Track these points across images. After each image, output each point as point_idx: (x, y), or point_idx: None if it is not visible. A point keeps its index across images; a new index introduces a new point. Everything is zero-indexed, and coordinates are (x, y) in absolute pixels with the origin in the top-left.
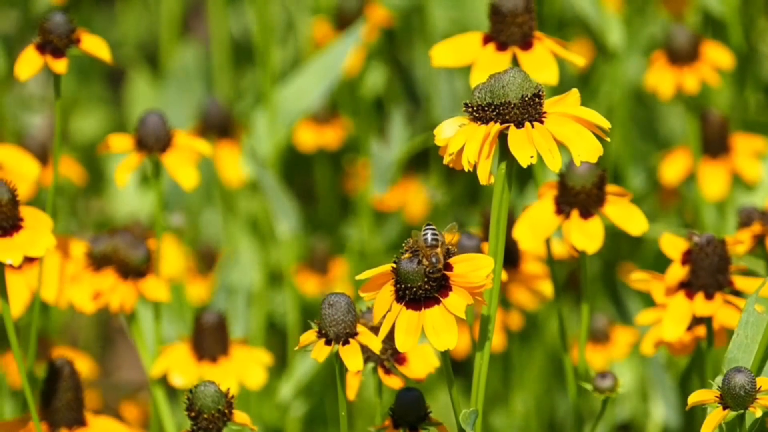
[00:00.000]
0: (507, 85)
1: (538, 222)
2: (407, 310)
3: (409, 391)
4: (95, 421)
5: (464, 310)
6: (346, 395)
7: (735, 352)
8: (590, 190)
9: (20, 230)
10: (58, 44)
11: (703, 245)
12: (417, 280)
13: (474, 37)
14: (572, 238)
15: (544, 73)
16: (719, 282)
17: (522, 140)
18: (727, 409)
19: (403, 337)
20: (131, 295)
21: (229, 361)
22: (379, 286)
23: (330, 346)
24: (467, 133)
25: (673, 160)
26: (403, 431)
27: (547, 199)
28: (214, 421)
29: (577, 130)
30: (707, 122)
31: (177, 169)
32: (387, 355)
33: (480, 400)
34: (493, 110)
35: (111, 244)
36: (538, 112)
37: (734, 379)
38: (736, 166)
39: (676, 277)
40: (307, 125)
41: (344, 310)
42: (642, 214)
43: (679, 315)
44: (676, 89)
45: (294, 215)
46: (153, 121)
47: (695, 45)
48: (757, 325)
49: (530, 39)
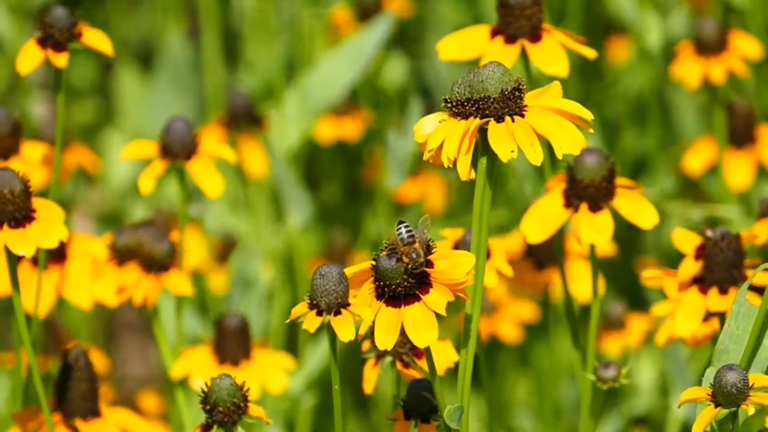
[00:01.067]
0: (486, 79)
1: (546, 216)
2: (387, 307)
3: (420, 382)
4: (110, 412)
5: (444, 307)
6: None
7: (726, 343)
8: (600, 184)
9: (33, 222)
10: (59, 38)
11: (717, 240)
12: (396, 278)
13: (482, 30)
14: (581, 232)
15: (555, 66)
16: (734, 277)
17: (502, 135)
18: (719, 407)
19: (382, 335)
20: (155, 289)
21: (251, 365)
22: (360, 284)
23: (321, 317)
24: (447, 129)
25: (696, 151)
26: (414, 422)
27: (556, 193)
28: (229, 414)
29: (559, 123)
30: (733, 112)
31: (202, 176)
32: (406, 349)
33: (465, 396)
34: (472, 105)
35: (135, 237)
36: (518, 106)
37: (726, 377)
38: (762, 156)
39: (689, 272)
40: (327, 118)
41: (336, 280)
42: (653, 207)
43: (692, 310)
44: (703, 80)
45: (307, 207)
46: (178, 128)
47: (723, 36)
48: (748, 315)
49: (539, 31)
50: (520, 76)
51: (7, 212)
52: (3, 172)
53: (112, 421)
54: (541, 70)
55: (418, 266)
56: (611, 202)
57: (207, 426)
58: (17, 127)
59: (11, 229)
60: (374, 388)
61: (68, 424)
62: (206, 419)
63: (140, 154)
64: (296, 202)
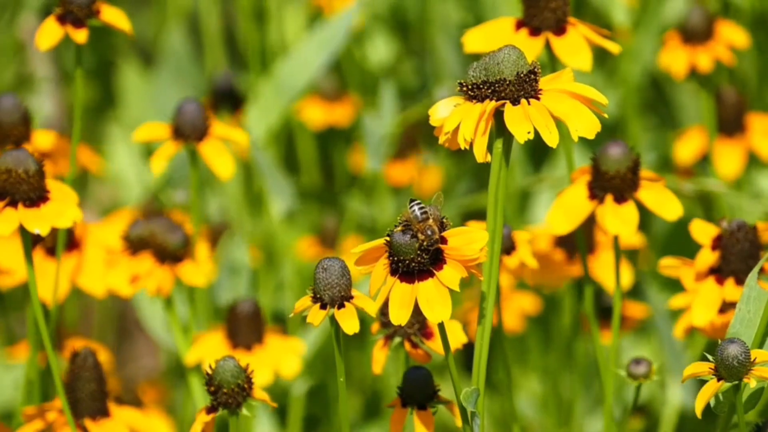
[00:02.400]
0: (502, 62)
1: (571, 207)
2: (401, 283)
3: (417, 369)
4: (118, 412)
5: (458, 282)
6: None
7: (737, 327)
8: (625, 175)
9: (47, 202)
10: (78, 14)
11: (734, 231)
12: (410, 253)
13: (506, 23)
14: (606, 223)
15: (578, 59)
16: (750, 268)
17: (519, 116)
18: (721, 380)
19: (396, 310)
20: (168, 279)
21: (263, 349)
22: (374, 260)
23: (325, 310)
24: (463, 112)
25: (687, 140)
26: (411, 410)
27: (581, 184)
28: (233, 396)
29: (575, 106)
30: (722, 101)
31: (214, 158)
32: (414, 330)
33: (481, 379)
34: (488, 88)
35: (148, 228)
36: (534, 89)
37: (727, 350)
38: (752, 144)
39: (707, 262)
40: (316, 103)
41: (338, 273)
42: (677, 199)
43: (709, 300)
44: (690, 68)
45: (290, 193)
46: (190, 110)
47: (709, 24)
48: (759, 299)
49: (564, 24)
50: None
51: (21, 191)
52: (17, 152)
53: (120, 421)
54: (564, 62)
55: (433, 243)
56: (636, 193)
57: (212, 408)
58: (27, 116)
59: (26, 208)
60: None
61: (77, 424)
62: (211, 401)
63: (152, 136)
64: (278, 188)
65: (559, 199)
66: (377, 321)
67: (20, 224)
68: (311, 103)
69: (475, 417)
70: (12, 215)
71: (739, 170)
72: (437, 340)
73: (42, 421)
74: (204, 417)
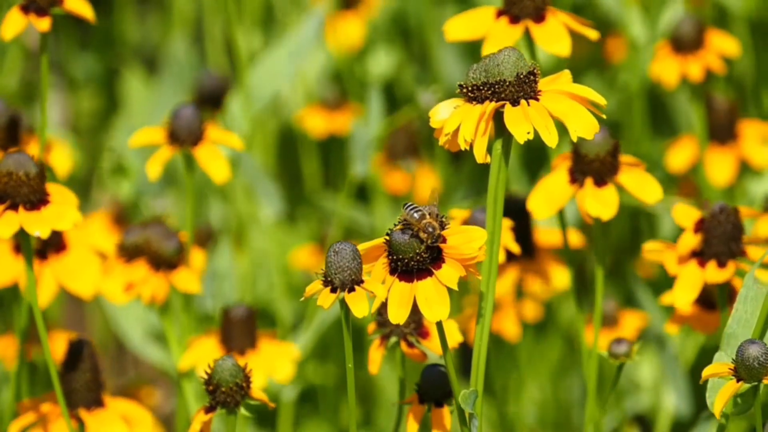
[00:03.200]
0: (502, 63)
1: (553, 192)
2: (400, 282)
3: (434, 367)
4: (113, 403)
5: (456, 281)
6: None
7: (734, 327)
8: (604, 158)
9: (47, 205)
10: (41, 3)
11: (716, 213)
12: (409, 252)
13: (487, 12)
14: (587, 205)
15: (557, 46)
16: (732, 250)
17: (518, 117)
18: (740, 381)
19: (395, 308)
20: (163, 286)
21: (257, 354)
22: (374, 259)
23: (336, 294)
24: (463, 113)
25: (679, 148)
26: (429, 407)
27: (562, 170)
28: (232, 395)
29: (573, 107)
30: (713, 109)
31: (209, 162)
32: (410, 329)
33: (480, 380)
34: (488, 89)
35: (143, 235)
36: (533, 90)
37: (748, 351)
38: (744, 152)
39: (689, 245)
40: (318, 111)
41: (350, 257)
42: (657, 182)
43: (690, 282)
44: (681, 78)
45: (278, 198)
46: (186, 115)
47: (700, 33)
48: (757, 299)
49: (543, 12)
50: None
51: (22, 194)
52: (18, 155)
53: (115, 411)
54: (544, 49)
55: (436, 239)
56: (616, 177)
57: (210, 407)
58: (16, 120)
59: (27, 211)
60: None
61: (72, 414)
62: (209, 401)
63: (148, 140)
64: (266, 193)
65: (540, 185)
66: (374, 321)
67: (21, 227)
68: (313, 111)
69: (474, 419)
70: (12, 218)
71: (731, 178)
72: (434, 340)
73: (36, 413)
74: (202, 416)
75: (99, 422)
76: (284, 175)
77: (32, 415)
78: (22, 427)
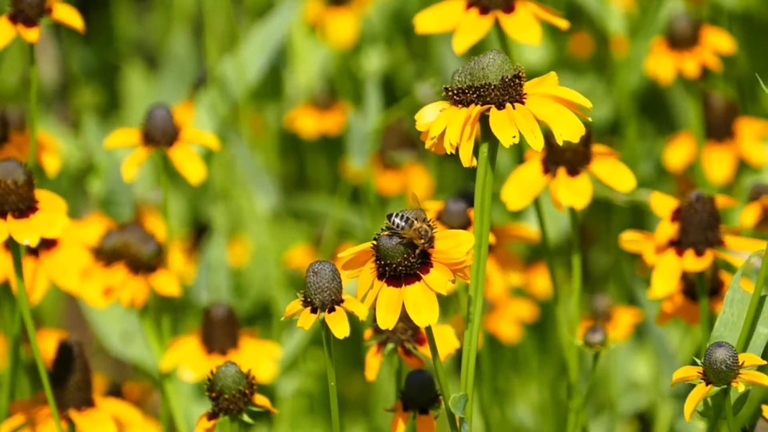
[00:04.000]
0: (487, 66)
1: (525, 182)
2: (388, 287)
3: (419, 373)
4: (103, 403)
5: (445, 286)
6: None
7: (721, 330)
8: (576, 148)
9: (36, 212)
10: (29, 13)
11: (693, 202)
12: (396, 257)
13: (457, 4)
14: (559, 195)
15: (527, 35)
16: (709, 239)
17: (504, 121)
18: (709, 384)
19: (383, 314)
20: (142, 290)
21: (239, 354)
22: (362, 264)
23: (316, 314)
24: (448, 117)
25: (677, 146)
26: (414, 413)
27: (535, 160)
28: (235, 402)
29: (559, 110)
30: (711, 107)
31: (184, 163)
32: (407, 336)
33: (469, 384)
34: (473, 92)
35: (121, 239)
36: (518, 93)
37: (715, 354)
38: (742, 150)
39: (666, 234)
40: (309, 111)
41: (329, 277)
42: (629, 171)
43: (668, 271)
44: (676, 74)
45: (273, 191)
46: (160, 116)
47: (695, 30)
48: (743, 302)
49: (513, 2)
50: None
51: (10, 202)
52: (6, 163)
53: (105, 412)
54: (514, 39)
55: (429, 240)
56: (588, 166)
57: (213, 414)
58: (4, 118)
59: (15, 219)
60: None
61: (62, 414)
62: (212, 407)
63: (123, 142)
64: (261, 185)
65: (514, 175)
66: (370, 327)
67: (9, 235)
68: (304, 111)
69: (464, 423)
70: (1, 226)
71: (729, 175)
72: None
73: (26, 414)
74: (205, 423)
75: (89, 422)
76: (287, 173)
77: (22, 417)
78: (12, 428)
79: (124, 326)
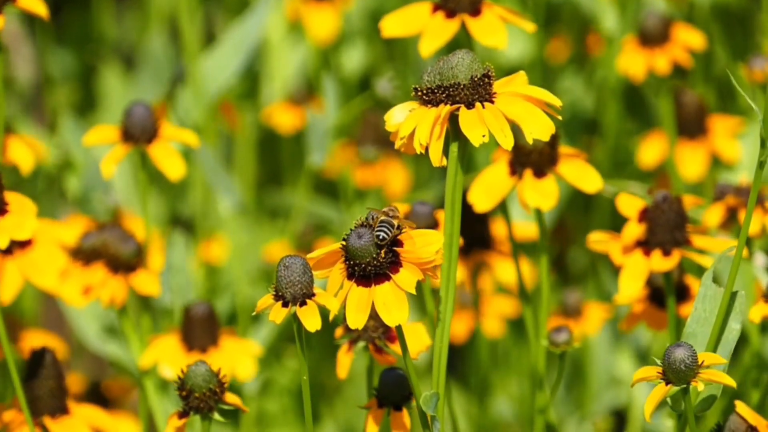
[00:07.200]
0: (456, 66)
1: (492, 184)
2: (357, 287)
3: (393, 370)
4: (78, 409)
5: (414, 285)
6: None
7: (693, 326)
8: (543, 149)
9: (5, 214)
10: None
11: (660, 202)
12: (365, 257)
13: (423, 7)
14: (526, 197)
15: (494, 38)
16: (676, 239)
17: (473, 120)
18: (669, 384)
19: (353, 314)
20: (122, 289)
21: (218, 351)
22: (331, 264)
23: (287, 308)
24: (418, 117)
25: (650, 144)
26: (388, 410)
27: (501, 162)
28: (205, 400)
29: (528, 109)
30: (682, 104)
31: (163, 160)
32: (378, 334)
33: (441, 382)
34: (442, 92)
35: (100, 238)
36: (488, 93)
37: (674, 354)
38: (715, 146)
39: (633, 235)
40: (286, 107)
41: (300, 271)
42: (596, 172)
43: (635, 272)
44: (647, 71)
45: (236, 191)
46: (139, 113)
47: (665, 27)
48: (715, 298)
49: (479, 5)
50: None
51: None
52: None
53: (80, 418)
54: (481, 42)
55: (395, 228)
56: (555, 167)
57: (183, 413)
58: None
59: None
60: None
61: (36, 422)
62: (183, 406)
63: (102, 139)
64: (224, 186)
65: (480, 177)
66: (341, 325)
67: None
68: (281, 107)
69: (435, 421)
70: None
71: (702, 172)
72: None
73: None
74: (176, 422)
75: (63, 429)
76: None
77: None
78: None
79: (103, 324)
